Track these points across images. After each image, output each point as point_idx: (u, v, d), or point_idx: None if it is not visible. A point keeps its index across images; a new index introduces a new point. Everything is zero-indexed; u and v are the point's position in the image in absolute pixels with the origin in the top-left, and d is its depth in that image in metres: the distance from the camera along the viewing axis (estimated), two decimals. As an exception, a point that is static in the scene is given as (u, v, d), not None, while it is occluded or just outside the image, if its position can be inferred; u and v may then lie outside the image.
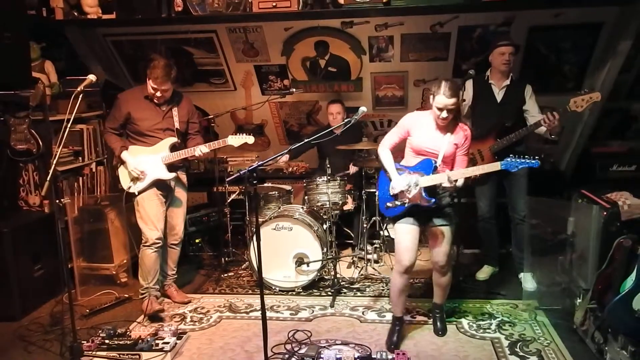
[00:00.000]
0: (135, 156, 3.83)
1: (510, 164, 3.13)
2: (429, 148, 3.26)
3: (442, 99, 3.08)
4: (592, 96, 3.64)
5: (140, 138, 3.86)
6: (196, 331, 3.70)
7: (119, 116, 3.84)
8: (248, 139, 3.91)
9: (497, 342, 3.44)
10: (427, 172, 3.22)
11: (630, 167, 4.80)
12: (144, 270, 3.93)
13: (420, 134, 3.29)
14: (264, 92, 5.31)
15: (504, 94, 4.12)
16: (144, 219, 3.87)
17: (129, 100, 3.84)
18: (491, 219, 4.32)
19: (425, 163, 3.25)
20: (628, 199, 3.52)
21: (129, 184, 3.86)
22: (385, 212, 3.42)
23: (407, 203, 3.25)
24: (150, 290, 3.93)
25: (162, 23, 4.64)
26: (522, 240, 4.24)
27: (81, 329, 3.57)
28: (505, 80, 4.11)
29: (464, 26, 4.49)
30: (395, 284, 3.40)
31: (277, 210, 4.46)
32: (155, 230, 3.86)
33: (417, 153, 3.31)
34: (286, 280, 4.27)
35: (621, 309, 2.85)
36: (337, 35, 4.73)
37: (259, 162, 2.96)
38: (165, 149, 3.86)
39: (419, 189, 3.20)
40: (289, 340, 3.49)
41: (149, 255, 3.87)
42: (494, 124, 4.07)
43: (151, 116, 3.83)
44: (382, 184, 3.47)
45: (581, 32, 4.44)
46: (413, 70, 4.94)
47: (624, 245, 3.04)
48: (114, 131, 3.89)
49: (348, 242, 5.18)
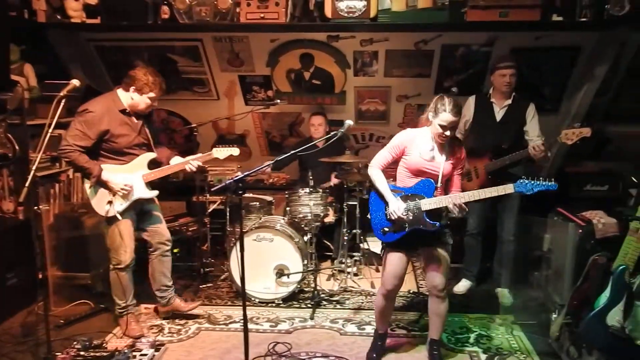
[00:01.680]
0: (116, 175, 3.51)
1: (524, 186, 2.95)
2: (428, 168, 3.11)
3: (447, 116, 2.96)
4: (582, 131, 3.69)
5: (116, 156, 3.53)
6: (174, 343, 3.64)
7: (93, 134, 3.39)
8: (233, 151, 3.78)
9: (475, 355, 3.48)
10: (428, 195, 3.08)
11: (603, 186, 4.92)
12: (119, 290, 3.66)
13: (418, 153, 3.12)
14: (248, 103, 5.31)
15: (504, 113, 4.14)
16: (118, 242, 3.55)
17: (104, 115, 3.43)
18: (478, 235, 4.37)
19: (425, 184, 3.11)
20: (602, 218, 3.64)
21: (106, 207, 3.46)
22: (382, 237, 3.21)
23: (407, 228, 3.10)
24: (129, 308, 3.73)
25: (148, 30, 4.62)
26: (505, 258, 4.30)
27: (55, 340, 3.45)
28: (507, 100, 4.12)
29: (447, 44, 4.58)
30: (378, 305, 3.36)
31: (258, 221, 4.45)
32: (131, 253, 3.62)
33: (414, 173, 3.15)
34: (266, 291, 4.25)
35: (596, 324, 2.92)
36: (322, 49, 4.78)
37: (245, 172, 2.96)
38: (143, 166, 3.63)
39: (420, 212, 3.07)
40: (269, 353, 3.46)
41: (124, 277, 3.62)
42: (490, 143, 4.10)
43: (128, 132, 3.53)
44: (376, 207, 3.24)
45: (561, 55, 4.58)
46: (396, 85, 5.01)
47: (599, 263, 3.11)
48: (83, 150, 3.39)
49: (327, 254, 5.18)
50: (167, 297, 3.91)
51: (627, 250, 2.91)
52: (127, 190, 3.50)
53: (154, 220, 3.81)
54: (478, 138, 4.25)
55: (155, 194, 3.70)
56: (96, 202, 3.53)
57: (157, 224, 3.82)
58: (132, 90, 3.52)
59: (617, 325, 2.84)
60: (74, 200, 4.73)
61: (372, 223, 3.26)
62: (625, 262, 2.89)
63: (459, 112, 3.01)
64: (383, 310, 3.36)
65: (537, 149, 3.82)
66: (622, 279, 2.84)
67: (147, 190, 3.65)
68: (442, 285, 3.19)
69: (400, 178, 3.23)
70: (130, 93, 3.53)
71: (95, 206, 3.53)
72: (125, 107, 3.54)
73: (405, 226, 3.10)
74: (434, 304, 3.28)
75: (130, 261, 3.64)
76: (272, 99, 5.11)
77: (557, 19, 4.03)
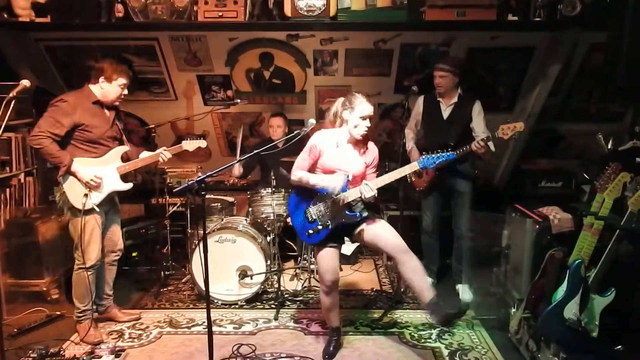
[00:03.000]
0: (86, 167, 3.51)
1: (426, 161, 3.14)
2: (341, 166, 3.23)
3: (367, 107, 3.12)
4: (516, 126, 3.78)
5: (90, 147, 3.54)
6: (135, 348, 3.56)
7: (66, 122, 3.41)
8: (201, 143, 3.96)
9: (438, 351, 3.53)
10: (343, 189, 3.19)
11: (557, 183, 5.08)
12: (80, 292, 3.59)
13: (332, 153, 3.24)
14: (207, 103, 5.24)
15: (450, 111, 4.23)
16: (86, 240, 3.51)
17: (78, 104, 3.47)
18: (434, 233, 4.44)
19: None
20: (558, 214, 3.73)
21: (83, 199, 3.45)
22: (307, 240, 3.34)
23: (330, 225, 3.22)
24: (86, 313, 3.64)
25: (101, 29, 4.49)
26: (462, 253, 4.38)
27: (9, 349, 3.35)
28: (452, 99, 4.22)
29: (406, 44, 4.63)
30: (324, 303, 3.40)
31: (220, 222, 4.39)
32: (98, 251, 3.59)
33: (327, 172, 3.27)
34: (229, 293, 4.20)
35: (553, 318, 2.99)
36: (282, 48, 4.75)
37: (208, 172, 2.92)
38: (117, 159, 3.65)
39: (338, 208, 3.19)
40: (233, 355, 3.43)
41: (88, 278, 3.54)
42: (438, 141, 4.17)
43: (101, 123, 3.57)
44: (297, 213, 3.36)
45: (515, 55, 4.70)
46: (356, 84, 5.02)
47: (556, 257, 3.19)
48: (56, 137, 3.40)
49: (290, 254, 5.17)
50: (106, 305, 3.91)
51: (582, 245, 3.00)
52: (96, 182, 3.49)
53: (112, 228, 3.79)
54: (427, 136, 4.38)
55: (129, 187, 3.70)
56: (72, 195, 3.48)
57: (114, 232, 3.81)
58: (102, 81, 3.56)
59: (573, 319, 2.92)
60: (26, 205, 4.55)
61: (296, 229, 3.38)
62: (581, 256, 2.97)
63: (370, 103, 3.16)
64: (329, 307, 3.40)
65: (478, 145, 3.91)
66: (578, 273, 2.92)
67: (122, 183, 3.66)
68: (402, 244, 3.23)
69: None
70: (99, 84, 3.58)
71: (71, 200, 3.48)
72: (98, 97, 3.58)
73: (328, 224, 3.20)
74: (407, 264, 3.22)
75: (97, 261, 3.60)
76: (232, 99, 5.06)
77: (512, 19, 4.12)
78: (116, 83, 3.57)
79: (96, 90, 3.59)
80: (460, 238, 4.35)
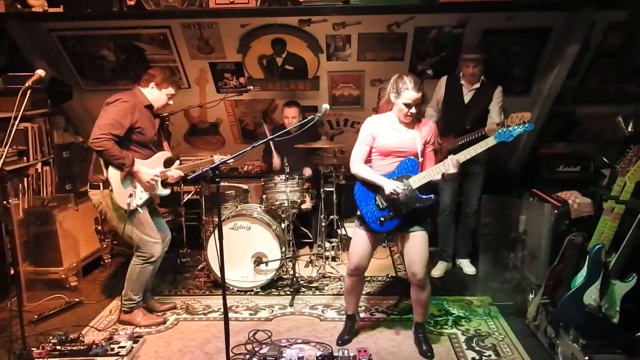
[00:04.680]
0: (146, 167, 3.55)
1: (503, 135, 3.05)
2: (398, 147, 3.13)
3: (410, 93, 3.01)
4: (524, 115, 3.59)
5: (139, 149, 3.56)
6: (153, 334, 3.60)
7: (127, 123, 3.40)
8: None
9: (455, 337, 3.52)
10: (414, 172, 3.10)
11: (575, 167, 5.01)
12: (138, 285, 3.66)
13: (386, 135, 3.15)
14: (219, 90, 5.21)
15: (472, 96, 4.27)
16: (147, 233, 3.58)
17: (135, 106, 3.48)
18: (451, 213, 4.52)
19: (408, 163, 3.13)
20: (577, 198, 3.68)
21: (128, 200, 3.47)
22: (380, 229, 3.16)
23: (404, 210, 3.10)
24: (139, 303, 3.74)
25: (113, 18, 4.47)
26: (467, 231, 4.55)
27: (30, 335, 3.40)
28: (475, 84, 4.25)
29: (420, 27, 4.55)
30: (345, 284, 3.45)
31: (234, 209, 4.40)
32: (160, 244, 3.66)
33: (385, 155, 3.18)
34: (244, 280, 4.22)
35: (573, 304, 2.97)
36: (294, 33, 4.70)
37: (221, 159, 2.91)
38: (160, 163, 3.71)
39: (413, 192, 3.07)
40: (250, 341, 3.45)
41: (149, 272, 3.67)
42: (456, 124, 4.20)
43: (151, 126, 3.63)
44: (365, 201, 3.22)
45: (531, 36, 4.60)
46: (370, 69, 4.97)
47: (575, 242, 3.14)
48: (116, 139, 3.37)
49: (305, 241, 5.17)
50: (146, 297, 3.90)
51: (602, 230, 2.95)
52: (155, 181, 3.57)
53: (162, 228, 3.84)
54: (446, 118, 4.42)
55: (168, 192, 3.78)
56: (121, 195, 3.48)
57: (164, 231, 3.84)
58: (152, 87, 3.62)
59: (593, 304, 2.88)
60: (44, 195, 4.61)
61: (366, 218, 3.21)
62: (601, 241, 2.93)
63: (420, 88, 3.05)
64: (348, 290, 3.44)
65: (489, 128, 3.87)
66: (599, 258, 2.88)
67: (162, 188, 3.72)
68: (422, 274, 3.16)
69: (375, 164, 3.23)
70: (149, 89, 3.63)
71: (117, 199, 3.47)
72: (149, 102, 3.63)
73: (401, 209, 3.10)
74: (415, 292, 3.28)
75: (161, 253, 3.70)
76: (245, 86, 5.03)
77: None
78: (165, 92, 3.64)
79: (147, 94, 3.64)
80: (467, 217, 4.51)
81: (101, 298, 4.20)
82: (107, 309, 3.99)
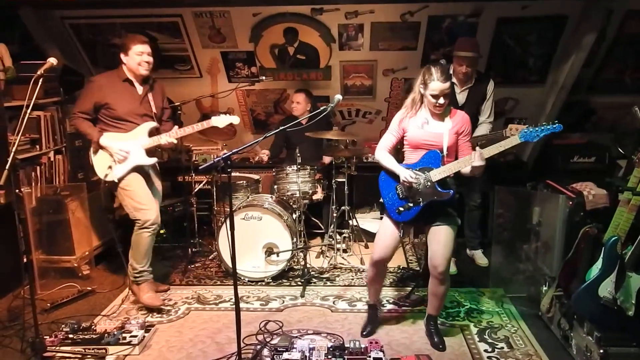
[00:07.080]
0: (115, 142, 3.66)
1: (529, 135, 2.95)
2: (427, 141, 3.11)
3: (437, 84, 2.98)
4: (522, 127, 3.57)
5: (116, 123, 3.68)
6: (164, 323, 3.61)
7: (90, 100, 3.62)
8: (233, 119, 3.89)
9: (467, 329, 3.50)
10: (436, 165, 3.07)
11: (590, 158, 4.94)
12: (139, 253, 3.73)
13: (416, 128, 3.14)
14: (231, 80, 5.20)
15: (465, 96, 4.12)
16: (137, 200, 3.68)
17: (105, 84, 3.65)
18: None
19: (431, 155, 3.10)
20: (592, 189, 3.62)
21: (106, 171, 3.67)
22: (398, 217, 3.16)
23: (422, 202, 3.09)
24: (144, 274, 3.77)
25: (125, 6, 4.48)
26: (474, 223, 4.55)
27: (42, 323, 3.42)
28: (468, 83, 4.10)
29: (433, 16, 4.50)
30: (367, 272, 3.41)
31: (245, 199, 4.39)
32: (152, 210, 3.70)
33: (415, 147, 3.16)
34: (255, 270, 4.21)
35: (587, 296, 2.93)
36: (306, 22, 4.67)
37: (234, 149, 2.89)
38: (143, 134, 3.73)
39: (432, 184, 3.05)
40: (261, 331, 3.44)
41: (146, 239, 3.70)
42: None
43: (129, 101, 3.69)
44: (386, 189, 3.23)
45: (546, 25, 4.53)
46: (382, 59, 4.93)
47: (590, 234, 3.10)
48: (85, 116, 3.65)
49: (316, 232, 5.15)
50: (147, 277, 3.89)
51: (618, 222, 2.90)
52: (122, 155, 3.64)
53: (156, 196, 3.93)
54: None
55: (154, 161, 3.83)
56: (99, 166, 3.71)
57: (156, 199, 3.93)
58: (123, 57, 3.67)
59: (608, 297, 2.84)
60: (56, 183, 4.62)
61: (386, 205, 3.22)
62: (617, 233, 2.88)
63: (448, 78, 3.01)
64: (370, 279, 3.40)
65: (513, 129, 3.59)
66: (614, 250, 2.83)
67: (147, 158, 3.76)
68: (443, 267, 3.12)
69: (406, 156, 3.24)
70: (124, 61, 3.68)
71: (97, 170, 3.72)
72: (127, 75, 3.69)
73: (419, 200, 3.08)
74: (434, 285, 3.22)
75: (155, 220, 3.72)
76: (256, 76, 5.01)
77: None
78: (132, 52, 3.63)
79: (125, 67, 3.70)
80: (472, 210, 4.49)
81: (113, 287, 4.22)
82: (119, 298, 4.00)
